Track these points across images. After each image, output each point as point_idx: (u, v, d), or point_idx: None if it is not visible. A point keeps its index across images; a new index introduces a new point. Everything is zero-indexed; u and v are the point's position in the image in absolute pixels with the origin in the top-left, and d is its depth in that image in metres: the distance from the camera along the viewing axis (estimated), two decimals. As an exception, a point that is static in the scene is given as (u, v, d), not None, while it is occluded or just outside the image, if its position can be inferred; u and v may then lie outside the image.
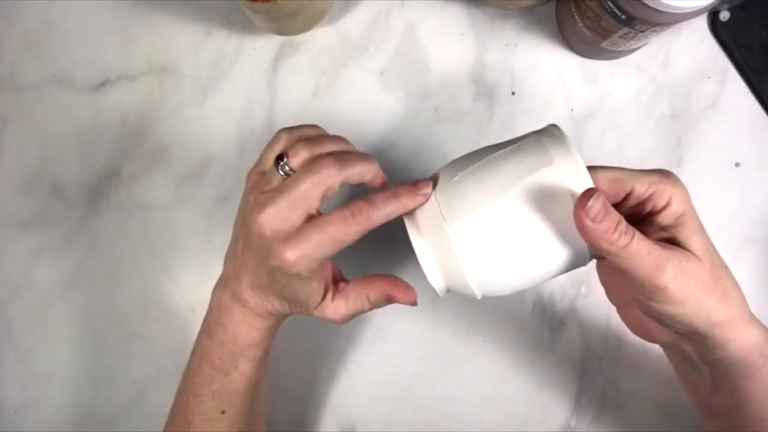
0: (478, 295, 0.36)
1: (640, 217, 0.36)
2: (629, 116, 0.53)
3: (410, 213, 0.36)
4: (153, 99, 0.54)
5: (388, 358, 0.52)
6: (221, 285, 0.41)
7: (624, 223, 0.33)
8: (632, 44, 0.48)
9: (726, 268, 0.36)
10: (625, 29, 0.45)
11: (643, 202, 0.35)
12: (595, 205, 0.32)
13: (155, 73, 0.54)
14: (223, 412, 0.41)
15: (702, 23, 0.53)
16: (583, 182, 0.33)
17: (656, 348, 0.42)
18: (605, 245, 0.32)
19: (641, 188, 0.35)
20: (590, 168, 0.34)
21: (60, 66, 0.54)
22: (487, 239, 0.34)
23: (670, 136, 0.53)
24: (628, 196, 0.35)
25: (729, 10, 0.52)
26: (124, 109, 0.54)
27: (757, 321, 0.37)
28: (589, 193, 0.32)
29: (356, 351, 0.52)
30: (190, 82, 0.54)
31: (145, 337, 0.52)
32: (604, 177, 0.35)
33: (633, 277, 0.33)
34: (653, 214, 0.35)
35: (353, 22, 0.54)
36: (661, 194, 0.35)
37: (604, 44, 0.49)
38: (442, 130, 0.53)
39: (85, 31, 0.54)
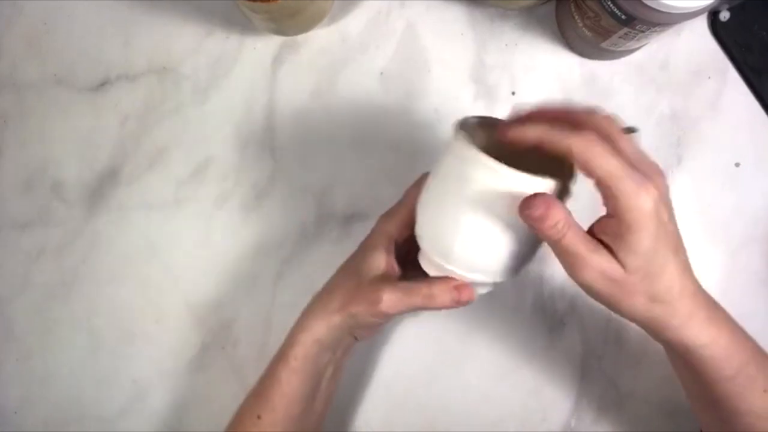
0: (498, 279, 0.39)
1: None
2: (629, 116, 0.53)
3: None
4: (153, 99, 0.54)
5: (388, 358, 0.52)
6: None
7: (562, 219, 0.32)
8: (632, 44, 0.48)
9: (676, 277, 0.34)
10: (625, 29, 0.45)
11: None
12: (538, 203, 0.32)
13: (155, 73, 0.54)
14: (258, 417, 0.41)
15: (702, 23, 0.53)
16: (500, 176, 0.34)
17: (656, 348, 0.41)
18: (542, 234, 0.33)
19: (596, 180, 0.32)
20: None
21: (60, 66, 0.54)
22: (476, 253, 0.37)
23: (670, 136, 0.53)
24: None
25: (729, 10, 0.52)
26: (123, 109, 0.54)
27: (715, 325, 0.35)
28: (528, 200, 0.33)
29: (356, 351, 0.52)
30: (190, 82, 0.54)
31: (145, 337, 0.52)
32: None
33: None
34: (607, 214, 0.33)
35: (353, 22, 0.54)
36: (612, 202, 0.32)
37: (604, 44, 0.49)
38: (442, 130, 0.53)
39: (85, 31, 0.54)
